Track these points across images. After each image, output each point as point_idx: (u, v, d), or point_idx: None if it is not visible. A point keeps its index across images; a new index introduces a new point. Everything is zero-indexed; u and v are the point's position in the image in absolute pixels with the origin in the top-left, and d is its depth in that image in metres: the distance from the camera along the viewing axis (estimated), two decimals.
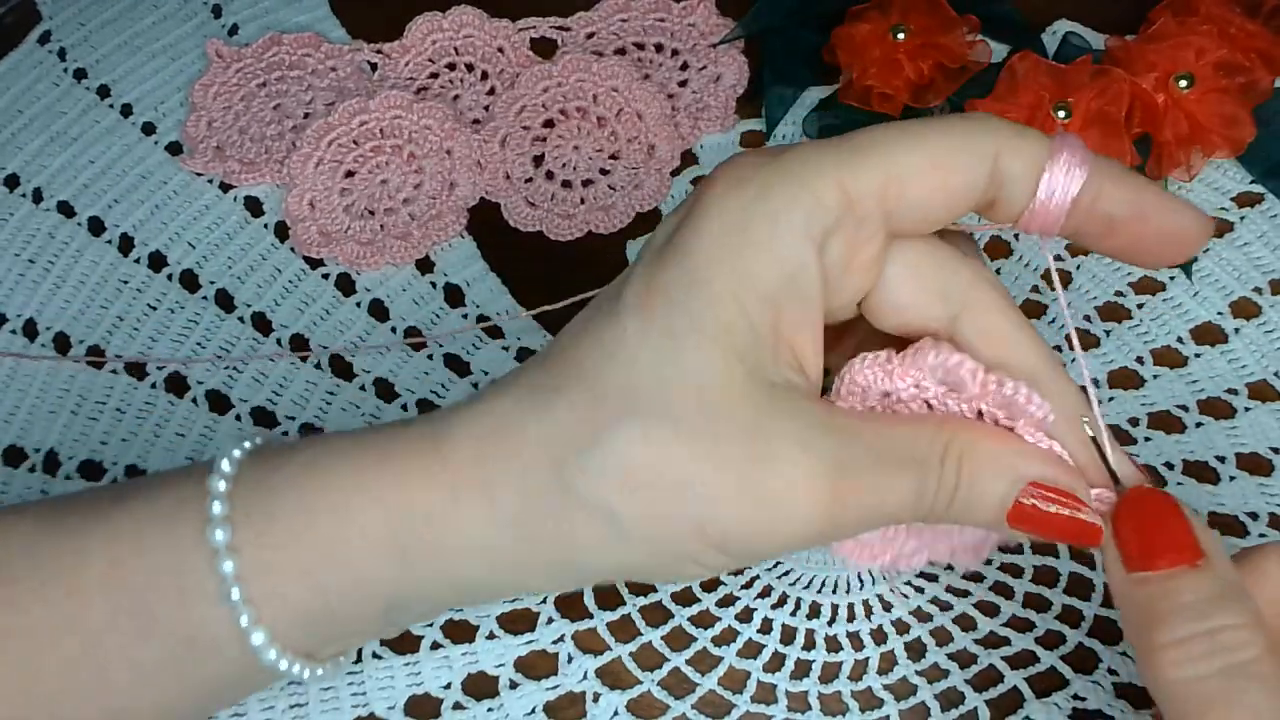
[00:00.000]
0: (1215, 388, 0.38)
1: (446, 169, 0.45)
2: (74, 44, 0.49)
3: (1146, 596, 0.24)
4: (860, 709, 0.32)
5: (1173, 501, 0.25)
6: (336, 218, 0.44)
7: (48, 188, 0.45)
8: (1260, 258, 0.40)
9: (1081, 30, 0.46)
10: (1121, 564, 0.25)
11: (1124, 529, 0.25)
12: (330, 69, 0.48)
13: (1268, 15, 0.43)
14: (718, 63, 0.47)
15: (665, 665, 0.33)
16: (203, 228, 0.44)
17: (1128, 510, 0.25)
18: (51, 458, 0.38)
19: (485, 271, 0.43)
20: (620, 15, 0.49)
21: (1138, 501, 0.25)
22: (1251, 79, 0.41)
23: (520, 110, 0.46)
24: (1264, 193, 0.42)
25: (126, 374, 0.40)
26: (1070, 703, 0.32)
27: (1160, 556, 0.24)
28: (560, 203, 0.44)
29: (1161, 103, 0.41)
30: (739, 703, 0.32)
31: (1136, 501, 0.25)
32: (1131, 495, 0.25)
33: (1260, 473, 0.36)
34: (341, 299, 0.42)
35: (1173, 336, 0.39)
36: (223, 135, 0.46)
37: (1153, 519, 0.25)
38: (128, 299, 0.42)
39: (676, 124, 0.45)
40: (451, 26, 0.49)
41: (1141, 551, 0.25)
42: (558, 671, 0.33)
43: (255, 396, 0.39)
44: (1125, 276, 0.40)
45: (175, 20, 0.50)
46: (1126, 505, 0.25)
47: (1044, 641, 0.33)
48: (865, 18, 0.44)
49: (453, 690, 0.33)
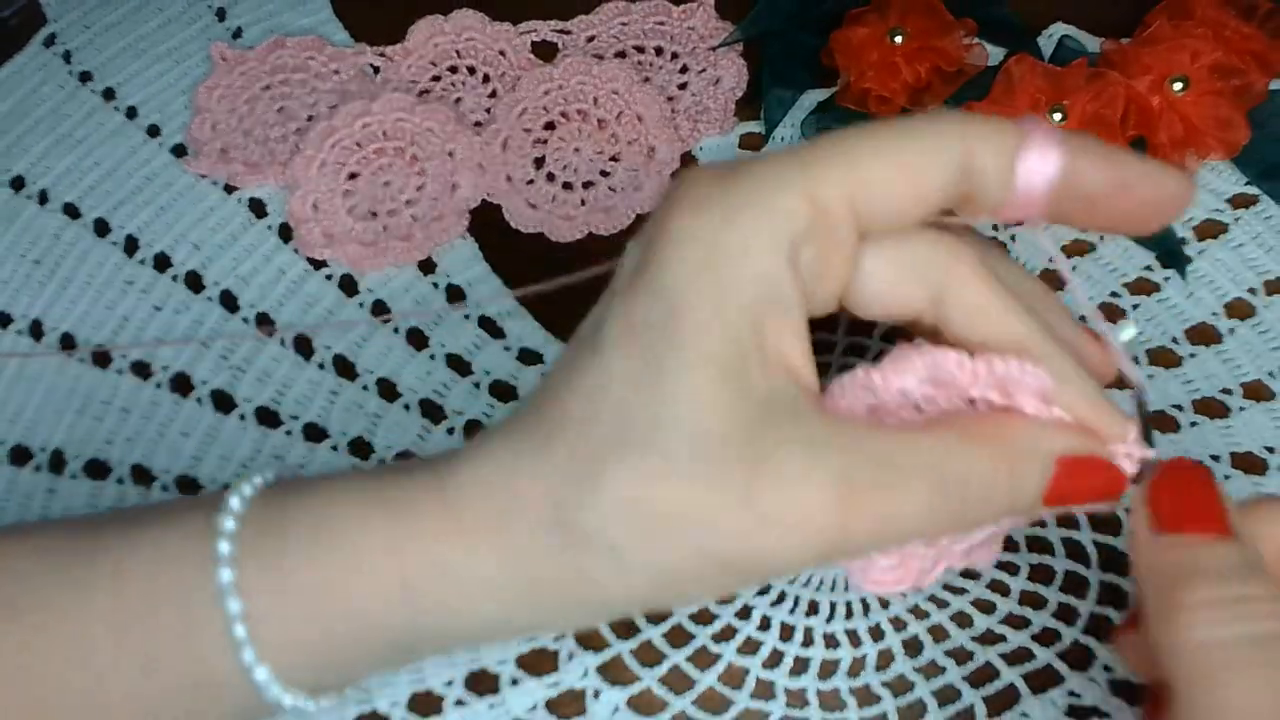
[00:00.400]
0: (1210, 388, 0.38)
1: (448, 171, 0.45)
2: (79, 47, 0.50)
3: (1174, 560, 0.24)
4: (858, 705, 0.32)
5: (1210, 476, 0.25)
6: (339, 219, 0.44)
7: (54, 189, 0.46)
8: (1254, 259, 0.41)
9: (1077, 33, 0.46)
10: (1150, 526, 0.25)
11: (1160, 493, 0.25)
12: (333, 72, 0.48)
13: (1263, 18, 0.43)
14: (717, 65, 0.48)
15: (665, 662, 0.33)
16: (207, 229, 0.44)
17: (1166, 476, 0.25)
18: (57, 457, 0.39)
19: (487, 272, 0.43)
20: (620, 19, 0.49)
21: (1176, 469, 0.25)
22: (1246, 82, 0.41)
23: (521, 113, 0.46)
24: (1258, 194, 0.42)
25: (132, 374, 0.41)
26: (1066, 699, 0.32)
27: (1193, 521, 0.24)
28: (561, 204, 0.44)
29: (1157, 105, 0.41)
30: (738, 699, 0.33)
31: (1176, 469, 0.25)
32: (1172, 463, 0.25)
33: (1255, 472, 0.36)
34: (344, 300, 0.42)
35: (1168, 337, 0.39)
36: (227, 137, 0.47)
37: (1190, 486, 0.25)
38: (133, 300, 0.42)
39: (676, 126, 0.46)
40: (453, 30, 0.49)
41: (1174, 514, 0.24)
42: (559, 668, 0.33)
43: (259, 396, 0.40)
44: (1120, 277, 0.41)
45: (180, 23, 0.51)
46: (1166, 471, 0.25)
47: (1040, 638, 0.33)
48: (863, 21, 0.44)
49: (455, 687, 0.33)
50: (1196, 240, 0.41)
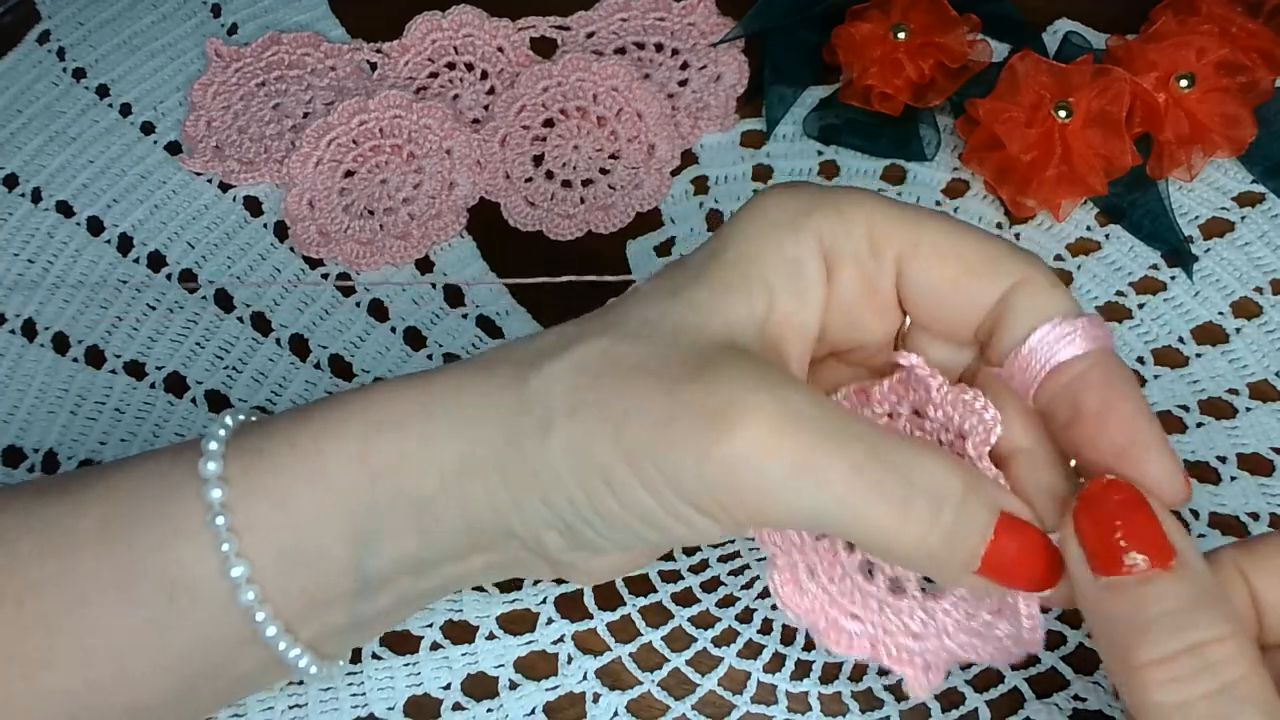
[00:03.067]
0: (1216, 388, 0.38)
1: (446, 168, 0.45)
2: (73, 43, 0.49)
3: (1120, 606, 0.22)
4: (860, 710, 0.32)
5: (1138, 494, 0.23)
6: (336, 217, 0.44)
7: (47, 187, 0.45)
8: (1261, 257, 0.40)
9: (1082, 29, 0.46)
10: (1087, 566, 0.23)
11: (1085, 523, 0.23)
12: (330, 68, 0.48)
13: (1269, 15, 0.43)
14: (718, 62, 0.47)
15: (665, 666, 0.33)
16: (202, 227, 0.44)
17: (1089, 503, 0.23)
18: (51, 457, 0.38)
19: (485, 271, 0.43)
20: (620, 14, 0.49)
21: (1101, 494, 0.23)
22: (1252, 78, 0.41)
23: (520, 110, 0.46)
24: (1265, 192, 0.42)
25: (126, 374, 0.40)
26: (1071, 703, 0.32)
27: (1126, 554, 0.22)
28: (560, 202, 0.44)
29: (1162, 102, 0.41)
30: (739, 703, 0.32)
31: (1099, 493, 0.23)
32: (1094, 487, 0.23)
33: (1261, 473, 0.36)
34: (340, 299, 0.42)
35: (1174, 336, 0.39)
36: (222, 135, 0.46)
37: (1117, 513, 0.23)
38: (127, 299, 0.42)
39: (676, 123, 0.45)
40: (451, 26, 0.49)
41: (1106, 549, 0.23)
42: (558, 672, 0.33)
43: (255, 396, 0.39)
44: (1126, 276, 0.40)
45: (174, 19, 0.50)
46: (1088, 497, 0.23)
47: (1044, 642, 0.33)
48: (866, 17, 0.44)
49: (452, 691, 0.33)
50: (1203, 238, 0.41)
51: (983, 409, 0.25)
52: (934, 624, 0.26)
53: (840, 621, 0.26)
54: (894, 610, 0.26)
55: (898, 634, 0.26)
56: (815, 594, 0.26)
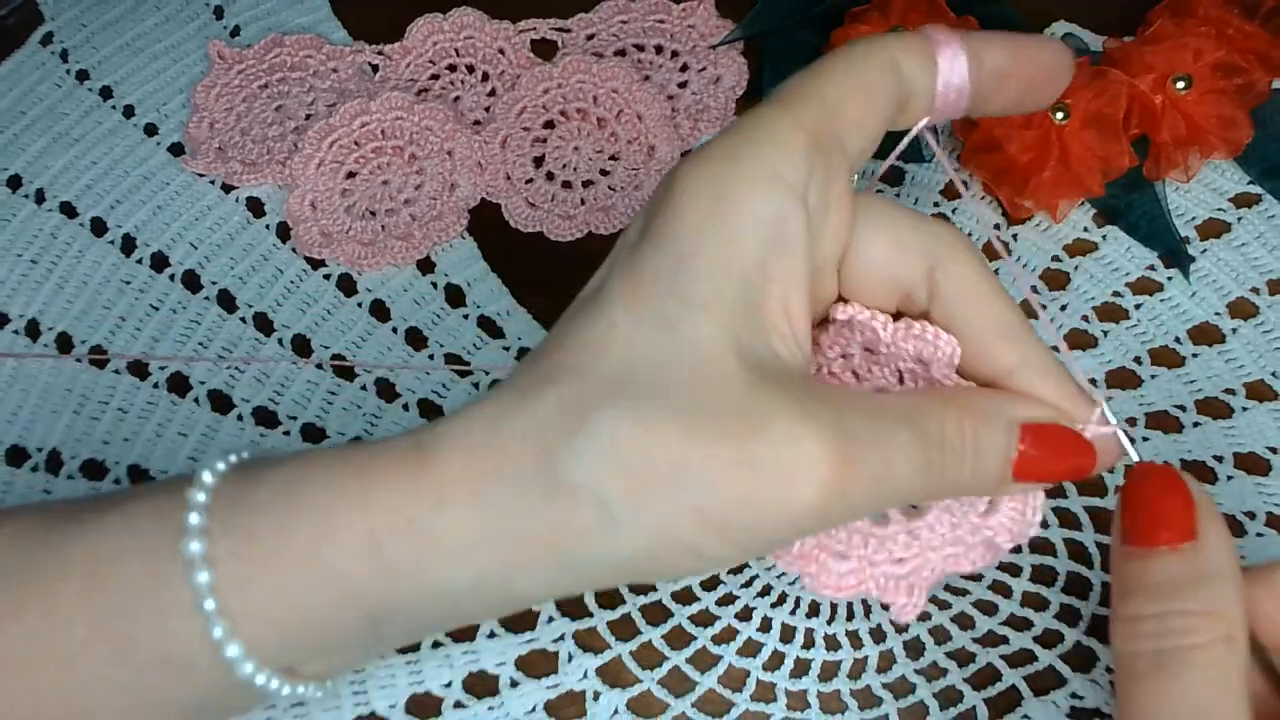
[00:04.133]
0: (1213, 388, 0.38)
1: (447, 170, 0.45)
2: (76, 45, 0.50)
3: (1126, 569, 0.25)
4: (859, 707, 0.32)
5: (1178, 480, 0.26)
6: (338, 218, 0.44)
7: (50, 189, 0.45)
8: (1258, 258, 0.40)
9: (1079, 31, 0.46)
10: (1119, 537, 0.26)
11: (1126, 502, 0.26)
12: (332, 70, 0.48)
13: (1265, 16, 0.43)
14: (717, 64, 0.47)
15: (665, 664, 0.33)
16: (205, 228, 0.44)
17: (1134, 483, 0.26)
18: (54, 457, 0.39)
19: (486, 272, 0.43)
20: (620, 17, 0.49)
21: (1145, 475, 0.26)
22: (1249, 80, 0.41)
23: (521, 111, 0.46)
24: (1261, 193, 0.42)
25: (129, 374, 0.40)
26: (1068, 701, 0.32)
27: (1154, 534, 0.25)
28: (560, 203, 0.44)
29: (1159, 104, 0.41)
30: (738, 701, 0.32)
31: (1144, 475, 0.26)
32: (1140, 469, 0.26)
33: (1257, 472, 0.36)
34: (343, 299, 0.42)
35: (1170, 337, 0.39)
36: (225, 136, 0.46)
37: (1155, 495, 0.26)
38: (130, 299, 0.42)
39: (676, 125, 0.46)
40: (452, 28, 0.49)
41: (1137, 527, 0.25)
42: (558, 670, 0.33)
43: (257, 397, 0.40)
44: (1123, 276, 0.40)
45: (177, 22, 0.50)
46: (1133, 478, 0.26)
47: (1042, 640, 0.33)
48: (865, 19, 0.44)
49: (454, 689, 0.33)
50: (1199, 239, 0.41)
51: (934, 338, 0.25)
52: (918, 543, 0.27)
53: (829, 564, 0.27)
54: (879, 540, 0.27)
55: (883, 563, 0.27)
56: (804, 540, 0.27)
